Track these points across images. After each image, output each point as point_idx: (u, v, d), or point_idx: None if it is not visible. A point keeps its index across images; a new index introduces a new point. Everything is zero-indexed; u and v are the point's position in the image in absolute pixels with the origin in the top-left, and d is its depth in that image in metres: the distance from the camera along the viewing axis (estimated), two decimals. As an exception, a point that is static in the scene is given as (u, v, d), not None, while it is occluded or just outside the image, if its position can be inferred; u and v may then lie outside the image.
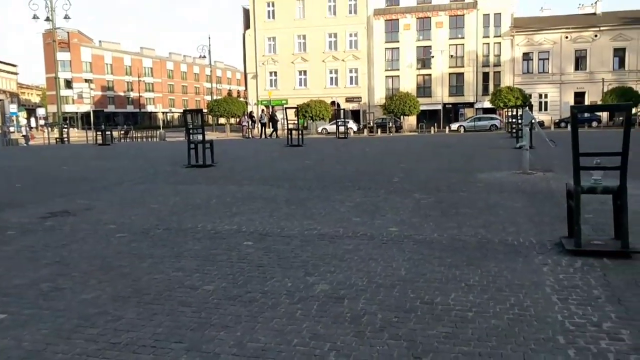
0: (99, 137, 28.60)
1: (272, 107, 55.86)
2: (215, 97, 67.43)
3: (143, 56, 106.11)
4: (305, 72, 62.97)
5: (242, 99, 72.09)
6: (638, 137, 24.37)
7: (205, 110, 65.03)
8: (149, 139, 48.90)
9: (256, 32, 63.68)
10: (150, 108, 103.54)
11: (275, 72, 63.92)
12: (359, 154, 20.26)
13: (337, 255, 5.61)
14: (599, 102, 51.82)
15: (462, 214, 7.70)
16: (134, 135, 51.11)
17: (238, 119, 60.40)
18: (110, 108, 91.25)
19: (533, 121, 11.73)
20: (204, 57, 68.23)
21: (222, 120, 66.19)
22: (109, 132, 29.36)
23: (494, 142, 24.75)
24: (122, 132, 51.67)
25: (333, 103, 60.47)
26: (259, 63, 63.89)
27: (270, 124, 41.74)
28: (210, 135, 24.04)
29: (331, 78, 62.51)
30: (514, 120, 24.57)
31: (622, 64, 55.11)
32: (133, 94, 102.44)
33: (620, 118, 49.23)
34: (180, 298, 4.42)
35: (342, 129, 32.78)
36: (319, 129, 55.75)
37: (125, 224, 7.46)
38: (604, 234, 6.14)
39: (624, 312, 3.91)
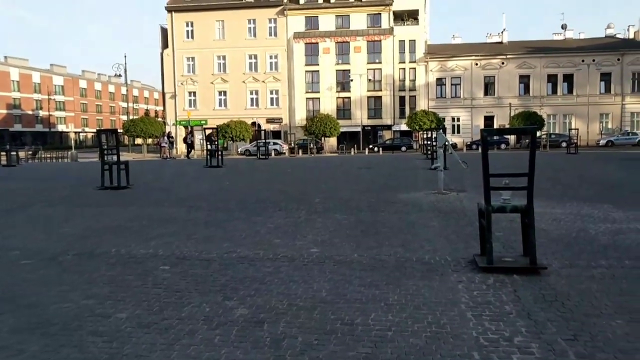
0: (3, 158, 26.89)
1: (191, 127, 54.98)
2: (131, 117, 65.29)
3: (53, 73, 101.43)
4: (225, 92, 62.51)
5: (160, 119, 70.42)
6: (542, 158, 25.86)
7: (120, 131, 63.21)
8: (60, 160, 46.57)
9: (175, 52, 62.66)
10: (61, 127, 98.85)
11: (195, 92, 63.01)
12: (280, 175, 20.24)
13: (257, 278, 5.52)
14: (507, 126, 54.92)
15: (382, 234, 7.83)
16: (43, 155, 48.50)
17: (156, 140, 58.86)
18: (17, 127, 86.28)
19: (446, 143, 12.20)
20: (119, 75, 66.01)
21: (138, 141, 64.23)
22: (14, 153, 27.65)
23: (411, 163, 25.49)
24: (30, 152, 48.89)
25: (254, 124, 60.29)
26: (178, 83, 62.78)
27: (188, 144, 41.05)
28: (126, 156, 23.22)
29: (252, 99, 62.37)
30: (429, 142, 25.46)
31: (527, 89, 58.74)
32: (42, 113, 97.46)
33: (526, 140, 52.36)
34: (90, 328, 4.17)
35: (263, 149, 32.64)
36: (240, 150, 55.30)
37: (31, 249, 7.00)
38: (514, 251, 6.42)
39: (533, 326, 4.09)
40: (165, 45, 64.12)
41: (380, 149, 52.28)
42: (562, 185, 14.47)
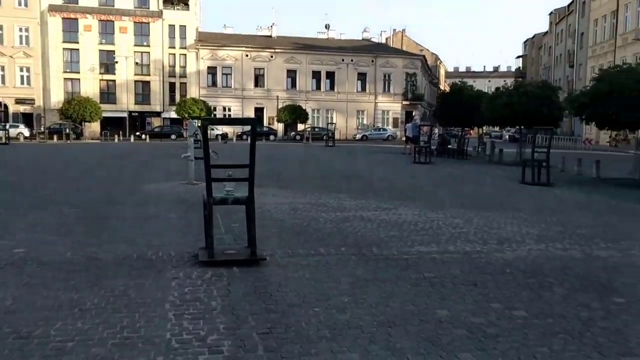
0: None
1: None
2: None
3: None
4: (-38, 66, 53.76)
5: None
6: (303, 150, 26.95)
7: None
8: None
9: None
10: None
11: None
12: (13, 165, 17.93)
13: None
14: (275, 118, 57.08)
15: (109, 229, 7.21)
16: None
17: None
18: None
19: (197, 132, 11.93)
20: None
21: None
22: None
23: (175, 151, 24.66)
24: None
25: (0, 104, 53.05)
26: None
27: None
28: None
29: (-3, 75, 54.72)
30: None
31: (294, 84, 61.68)
32: None
33: (293, 133, 55.06)
34: None
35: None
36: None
37: None
38: (243, 242, 6.38)
39: (234, 321, 3.98)
40: None
41: (148, 136, 50.05)
42: (310, 176, 15.32)
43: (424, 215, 8.86)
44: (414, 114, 29.56)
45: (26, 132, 48.81)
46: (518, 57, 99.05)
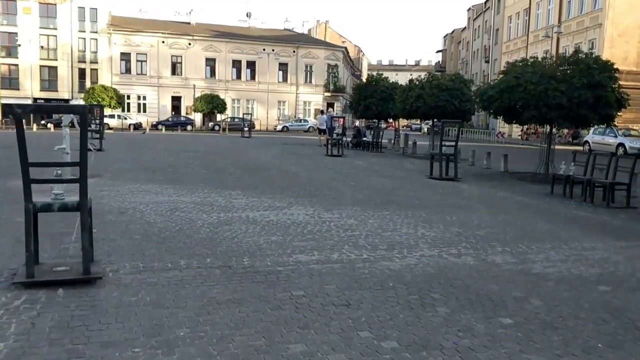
0: None
1: None
2: None
3: None
4: None
5: None
6: (217, 141, 25.78)
7: None
8: None
9: None
10: None
11: None
12: None
13: None
14: (192, 107, 55.05)
15: None
16: None
17: None
18: None
19: (74, 119, 10.57)
20: None
21: None
22: None
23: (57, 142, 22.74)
24: None
25: None
26: None
27: None
28: None
29: None
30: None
31: (213, 73, 59.70)
32: None
33: (212, 123, 53.27)
34: None
35: None
36: None
37: None
38: (96, 255, 5.34)
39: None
40: None
41: (53, 125, 46.75)
42: (209, 170, 14.25)
43: (317, 215, 8.10)
44: (328, 109, 28.85)
45: None
46: (438, 51, 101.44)
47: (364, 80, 37.33)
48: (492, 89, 14.53)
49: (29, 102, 51.62)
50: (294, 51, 61.99)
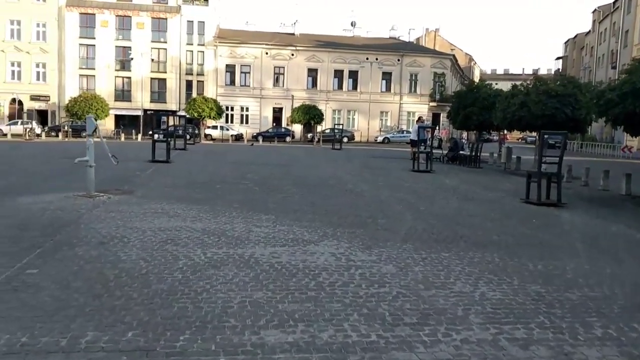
0: None
1: None
2: None
3: None
4: (-22, 61, 53.02)
5: None
6: (309, 153, 24.09)
7: None
8: None
9: None
10: None
11: (-61, 58, 52.47)
12: None
13: None
14: (290, 118, 54.63)
15: None
16: None
17: None
18: None
19: (97, 131, 9.41)
20: None
21: None
22: None
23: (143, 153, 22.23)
24: None
25: (15, 100, 52.14)
26: None
27: None
28: None
29: (13, 71, 53.70)
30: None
31: (315, 83, 58.95)
32: None
33: (310, 134, 52.30)
34: None
35: None
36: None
37: None
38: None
39: None
40: None
41: (160, 135, 48.07)
42: (266, 187, 12.61)
43: (346, 256, 6.08)
44: (419, 119, 26.42)
45: (38, 129, 47.54)
46: (558, 58, 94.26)
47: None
48: (612, 91, 11.64)
49: (139, 113, 53.79)
50: (398, 60, 59.74)
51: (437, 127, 23.05)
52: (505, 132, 27.34)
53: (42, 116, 53.59)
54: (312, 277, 5.24)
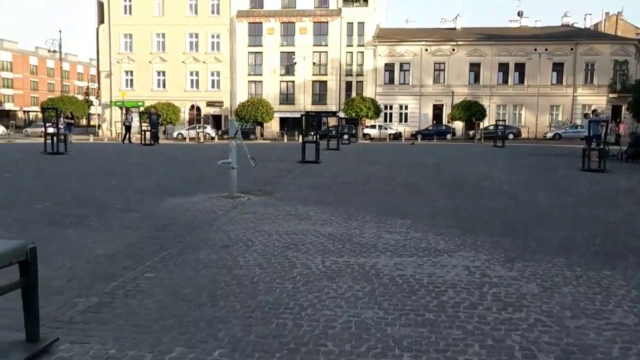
0: None
1: (127, 108, 51.47)
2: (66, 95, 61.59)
3: (2, 49, 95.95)
4: (164, 72, 58.91)
5: (92, 98, 66.84)
6: (467, 152, 23.14)
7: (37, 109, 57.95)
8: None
9: (111, 28, 58.77)
10: (8, 106, 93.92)
11: (131, 72, 59.28)
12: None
13: None
14: (450, 115, 52.75)
15: None
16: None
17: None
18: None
19: (238, 134, 9.55)
20: (55, 51, 62.40)
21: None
22: None
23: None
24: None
25: (193, 107, 57.17)
26: (114, 61, 59.02)
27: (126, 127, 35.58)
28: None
29: (192, 80, 58.96)
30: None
31: (477, 78, 56.34)
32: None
33: (472, 132, 50.01)
34: None
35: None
36: (174, 134, 52.23)
37: None
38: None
39: None
40: (101, 20, 60.28)
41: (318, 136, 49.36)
42: (407, 187, 11.94)
43: (482, 270, 5.30)
44: (593, 111, 23.62)
45: (212, 133, 51.70)
46: None
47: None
48: None
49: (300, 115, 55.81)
50: (571, 49, 54.86)
51: (617, 121, 20.35)
52: None
53: (216, 121, 58.12)
54: (436, 295, 4.58)
